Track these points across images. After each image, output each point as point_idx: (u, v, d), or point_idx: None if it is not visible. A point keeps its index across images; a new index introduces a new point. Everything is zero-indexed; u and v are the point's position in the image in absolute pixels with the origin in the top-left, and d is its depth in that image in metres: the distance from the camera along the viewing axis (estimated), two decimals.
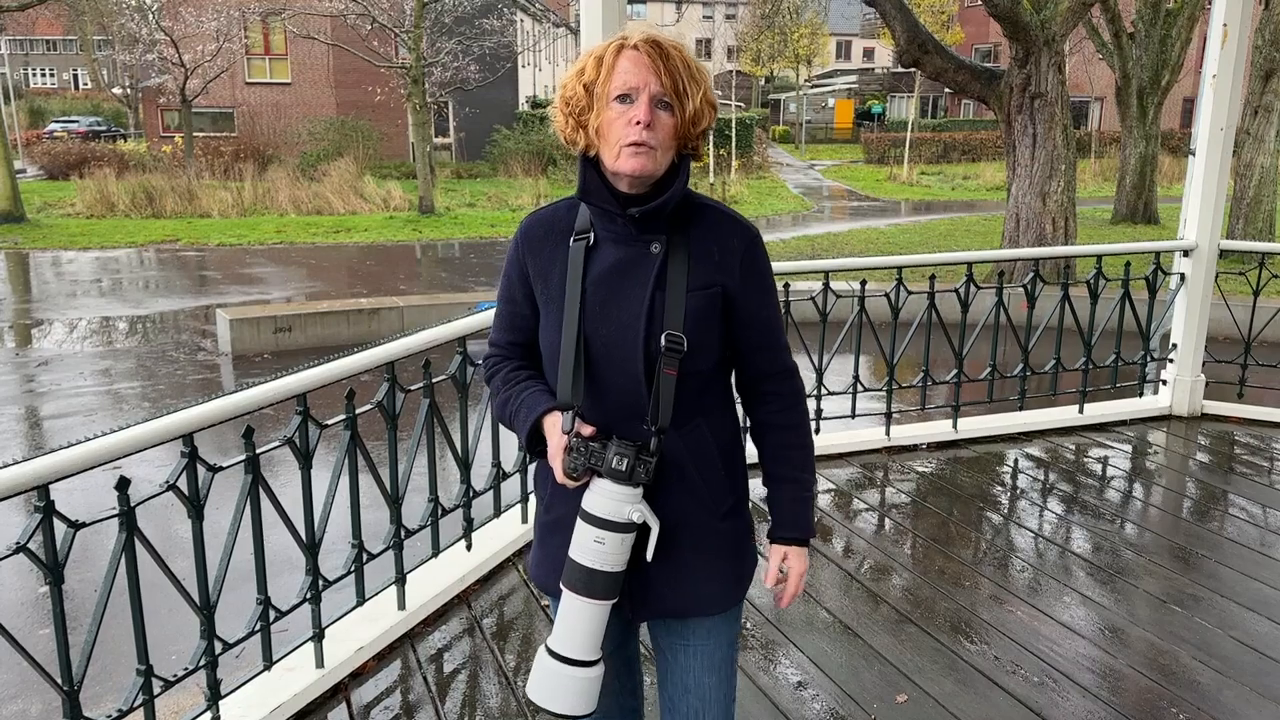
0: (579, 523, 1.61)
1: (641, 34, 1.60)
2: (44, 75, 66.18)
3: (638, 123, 1.55)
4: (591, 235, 1.66)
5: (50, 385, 10.07)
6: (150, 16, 30.47)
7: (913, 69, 14.14)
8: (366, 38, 25.28)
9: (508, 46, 30.35)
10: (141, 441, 2.32)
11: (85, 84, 60.61)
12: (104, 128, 43.39)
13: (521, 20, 34.17)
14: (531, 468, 3.86)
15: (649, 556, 1.64)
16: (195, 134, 29.62)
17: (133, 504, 2.32)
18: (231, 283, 15.56)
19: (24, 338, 12.35)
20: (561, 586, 1.64)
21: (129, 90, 42.44)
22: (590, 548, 1.60)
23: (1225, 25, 5.06)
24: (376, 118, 30.31)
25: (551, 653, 1.64)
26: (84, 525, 2.21)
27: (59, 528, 2.20)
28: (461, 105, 31.26)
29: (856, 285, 4.96)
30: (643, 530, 1.63)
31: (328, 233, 20.36)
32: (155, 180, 23.86)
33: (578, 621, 1.63)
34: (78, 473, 2.18)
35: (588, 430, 1.61)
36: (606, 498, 1.59)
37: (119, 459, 2.30)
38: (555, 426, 1.64)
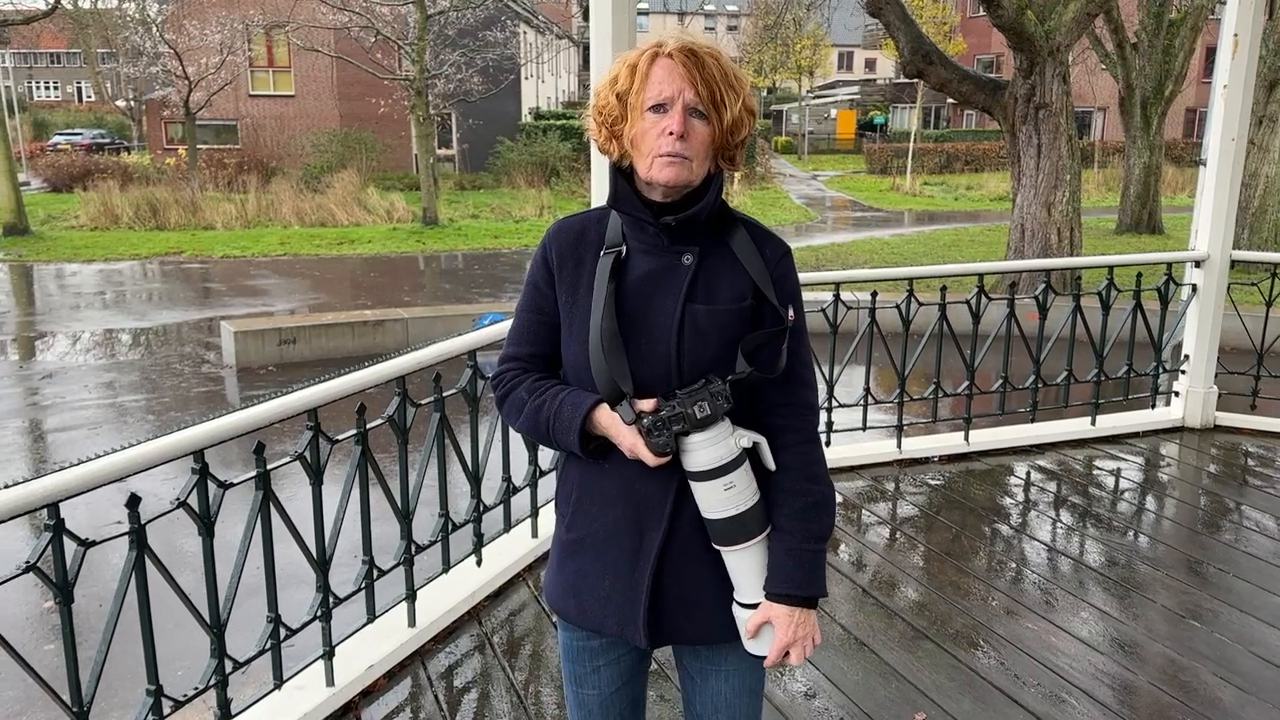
0: (696, 485, 1.57)
1: (676, 41, 1.55)
2: (48, 88, 66.41)
3: (671, 133, 1.52)
4: (623, 248, 1.62)
5: (54, 398, 10.06)
6: (154, 29, 30.56)
7: (915, 80, 14.14)
8: (370, 50, 25.35)
9: (511, 58, 30.43)
10: (152, 458, 2.30)
11: (89, 97, 60.84)
12: (108, 140, 43.50)
13: (525, 32, 34.29)
14: (542, 482, 3.85)
15: (772, 465, 1.61)
16: (199, 146, 29.65)
17: (143, 521, 2.29)
18: (235, 295, 15.56)
19: (28, 350, 12.35)
20: (716, 547, 1.61)
21: (133, 103, 42.58)
22: (723, 498, 1.57)
23: (1236, 35, 5.04)
24: (380, 129, 30.38)
25: (745, 605, 1.64)
26: (94, 544, 2.18)
27: (68, 546, 2.17)
28: (465, 117, 31.31)
29: (866, 296, 4.94)
30: (753, 452, 1.60)
31: (331, 244, 20.38)
32: (159, 192, 23.91)
33: (751, 566, 1.62)
34: (87, 490, 2.15)
35: (649, 404, 1.53)
36: (710, 446, 1.54)
37: (128, 476, 2.27)
38: (615, 422, 1.56)
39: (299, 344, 11.45)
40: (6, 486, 2.00)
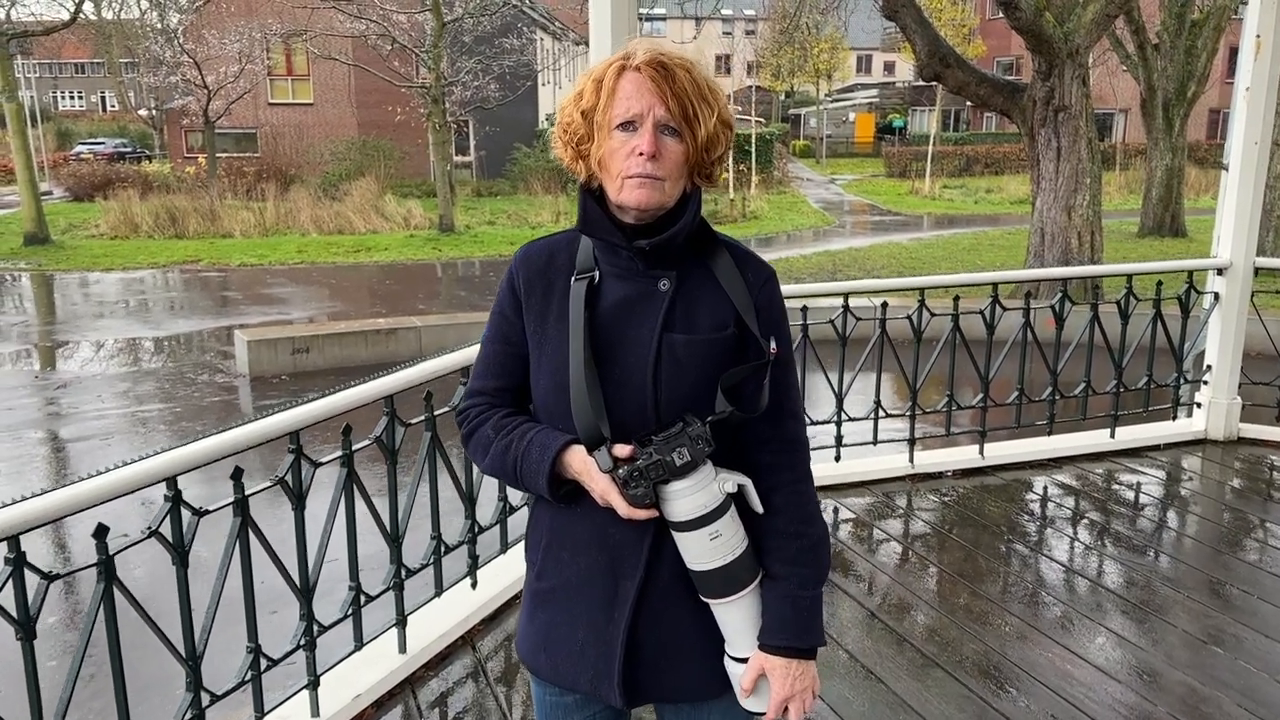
0: (680, 536, 1.46)
1: (645, 52, 1.44)
2: (73, 98, 67.11)
3: (641, 153, 1.41)
4: (596, 273, 1.51)
5: (69, 408, 10.07)
6: (174, 39, 30.75)
7: (934, 82, 13.98)
8: (387, 58, 25.40)
9: (527, 65, 30.42)
10: (121, 486, 2.21)
11: (113, 106, 61.41)
12: (129, 149, 43.86)
13: (541, 39, 34.30)
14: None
15: (759, 508, 1.50)
16: (219, 154, 29.83)
17: (111, 553, 2.20)
18: (252, 303, 15.58)
19: (45, 359, 12.39)
20: (704, 600, 1.51)
21: (154, 112, 42.89)
22: (709, 548, 1.46)
23: (1259, 36, 4.89)
24: (398, 137, 30.45)
25: (738, 659, 1.54)
26: (58, 577, 2.10)
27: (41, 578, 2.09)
28: (482, 124, 31.34)
29: (877, 305, 4.82)
30: (738, 495, 1.49)
31: (348, 252, 20.40)
32: (178, 201, 24.03)
33: (743, 618, 1.51)
34: (51, 522, 2.07)
35: (625, 451, 1.42)
36: (692, 494, 1.43)
37: (97, 505, 2.19)
38: (588, 465, 1.44)
39: (312, 353, 11.42)
40: None
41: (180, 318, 14.74)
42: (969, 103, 20.90)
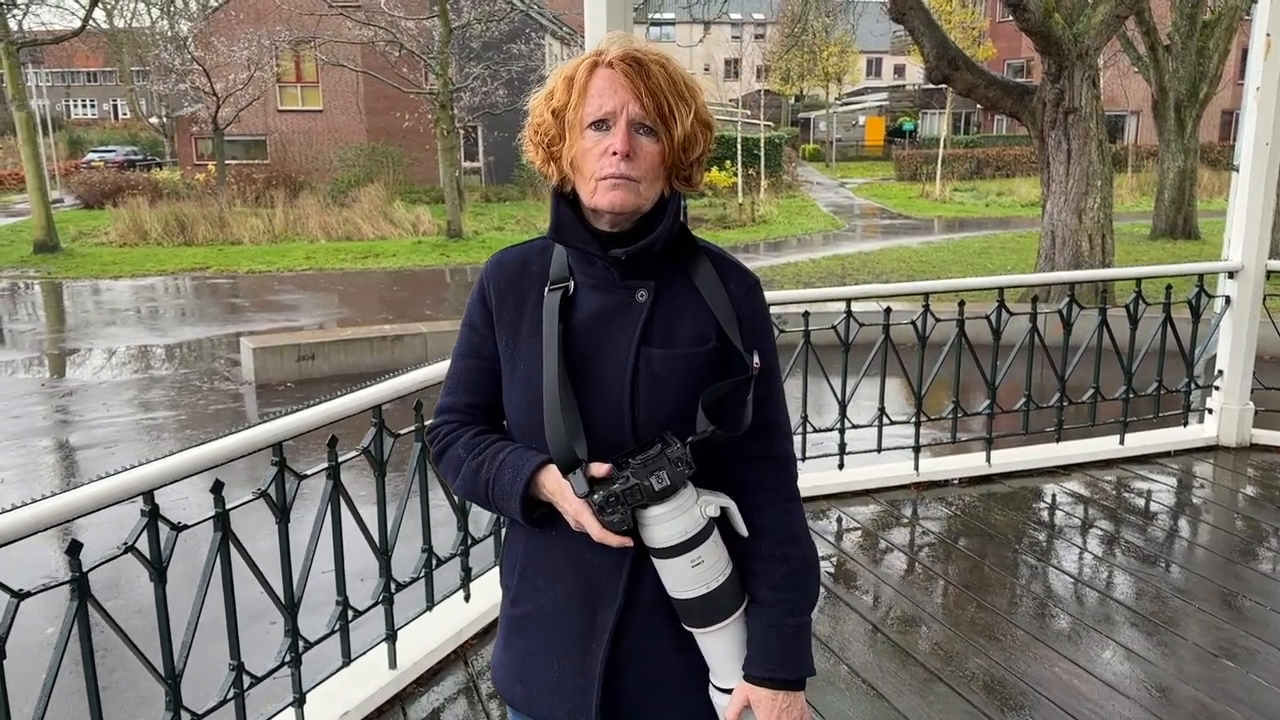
0: (661, 563, 1.39)
1: (618, 48, 1.38)
2: (85, 106, 67.50)
3: (614, 153, 1.34)
4: (571, 283, 1.44)
5: (74, 416, 10.06)
6: (184, 47, 30.88)
7: (943, 85, 13.89)
8: (395, 64, 25.45)
9: (535, 70, 30.43)
10: (97, 501, 2.16)
11: (124, 114, 61.75)
12: (139, 156, 44.06)
13: (549, 44, 34.31)
14: None
15: (744, 530, 1.42)
16: (228, 162, 29.93)
17: (85, 570, 2.15)
18: (260, 310, 15.58)
19: (54, 367, 12.40)
20: (688, 630, 1.44)
21: (165, 119, 43.09)
22: (691, 575, 1.39)
23: (1269, 35, 4.81)
24: (406, 143, 30.49)
25: (724, 690, 1.47)
26: (28, 594, 2.05)
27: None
28: (490, 129, 31.36)
29: (881, 309, 4.75)
30: (721, 518, 1.42)
31: (356, 258, 20.40)
32: (187, 208, 24.09)
33: (728, 647, 1.44)
34: (20, 539, 2.01)
35: (602, 470, 1.35)
36: (672, 519, 1.36)
37: (70, 521, 2.13)
38: (562, 487, 1.38)
39: (317, 360, 11.39)
40: None
41: (188, 325, 14.75)
42: (979, 105, 20.80)
